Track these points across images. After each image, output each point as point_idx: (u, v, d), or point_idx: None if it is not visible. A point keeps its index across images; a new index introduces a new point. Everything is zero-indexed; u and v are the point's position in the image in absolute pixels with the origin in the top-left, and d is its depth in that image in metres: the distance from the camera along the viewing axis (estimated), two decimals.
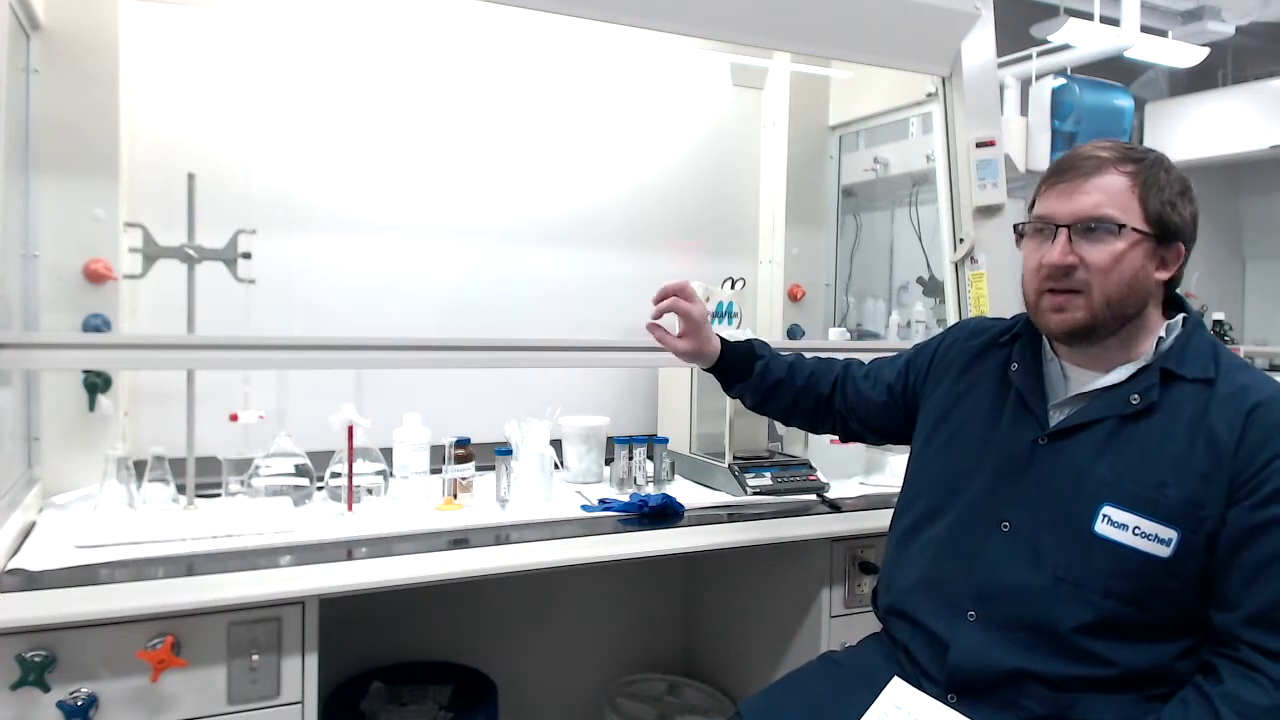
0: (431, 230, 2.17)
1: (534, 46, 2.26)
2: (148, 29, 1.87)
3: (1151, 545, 1.11)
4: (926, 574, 1.28)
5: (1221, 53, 5.47)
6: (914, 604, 1.28)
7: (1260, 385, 1.14)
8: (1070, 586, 1.14)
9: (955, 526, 1.27)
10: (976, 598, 1.21)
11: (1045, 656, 1.14)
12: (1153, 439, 1.14)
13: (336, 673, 2.00)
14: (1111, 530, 1.13)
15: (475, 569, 1.52)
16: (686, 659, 2.46)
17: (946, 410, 1.37)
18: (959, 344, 1.43)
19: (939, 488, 1.32)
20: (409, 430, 1.83)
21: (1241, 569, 1.08)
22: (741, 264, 2.57)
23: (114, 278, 1.75)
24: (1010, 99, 4.76)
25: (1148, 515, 1.11)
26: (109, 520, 1.51)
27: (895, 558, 1.36)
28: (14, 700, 1.20)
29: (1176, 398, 1.15)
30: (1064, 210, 1.17)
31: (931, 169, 2.33)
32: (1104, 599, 1.12)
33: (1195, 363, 1.17)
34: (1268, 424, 1.10)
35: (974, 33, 2.16)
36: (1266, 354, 4.77)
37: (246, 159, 1.98)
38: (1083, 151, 1.20)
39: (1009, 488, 1.23)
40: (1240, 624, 1.08)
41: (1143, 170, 1.17)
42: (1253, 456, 1.09)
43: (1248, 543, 1.08)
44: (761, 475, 1.92)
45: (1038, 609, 1.16)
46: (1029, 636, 1.16)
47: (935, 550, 1.28)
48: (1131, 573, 1.11)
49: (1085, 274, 1.15)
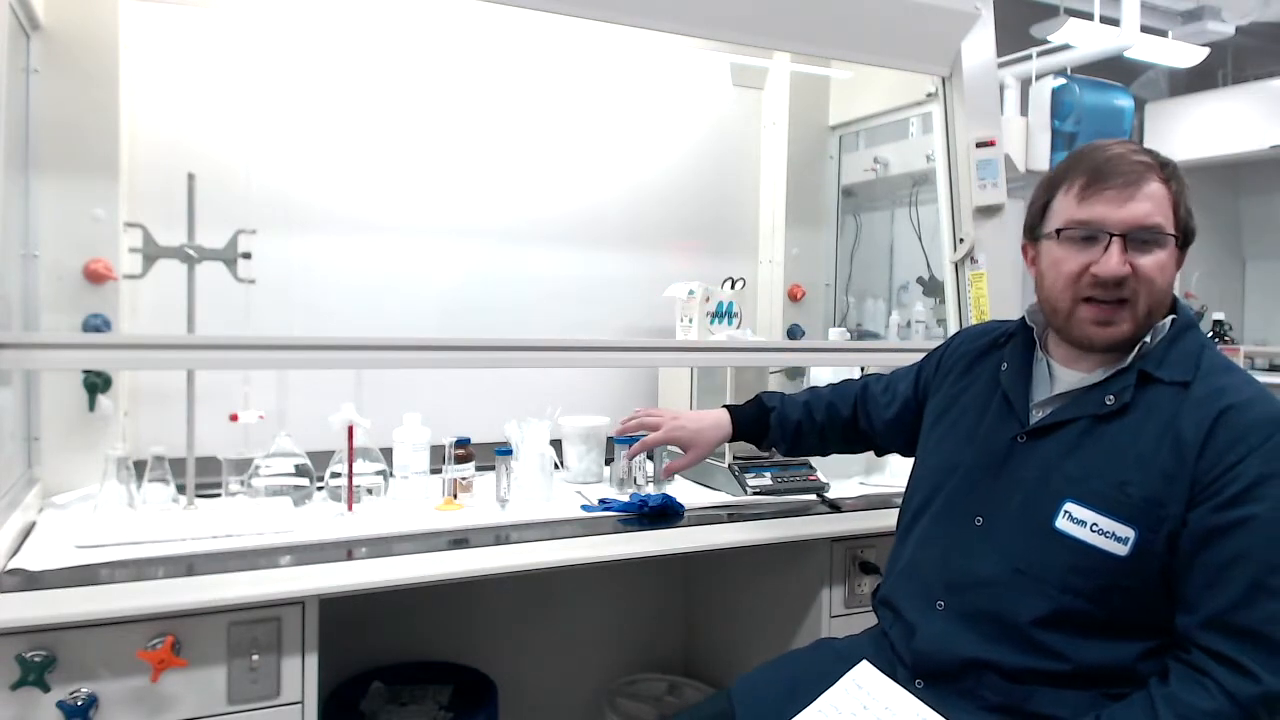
0: (431, 230, 2.17)
1: (534, 46, 2.26)
2: (148, 29, 1.87)
3: (1108, 543, 1.11)
4: (908, 565, 1.33)
5: (1221, 53, 5.47)
6: (896, 593, 1.33)
7: (1238, 388, 1.13)
8: (1029, 579, 1.16)
9: (935, 520, 1.31)
10: (946, 588, 1.25)
11: (1002, 647, 1.16)
12: (1122, 439, 1.15)
13: (336, 673, 2.00)
14: (1071, 526, 1.14)
15: (475, 569, 1.52)
16: (686, 659, 2.46)
17: (944, 409, 1.40)
18: (964, 346, 1.46)
19: (928, 484, 1.35)
20: (409, 430, 1.83)
21: (1202, 571, 1.08)
22: (741, 264, 2.57)
23: (114, 278, 1.75)
24: (1010, 99, 4.76)
25: (1107, 513, 1.12)
26: (109, 520, 1.51)
27: (893, 552, 1.40)
28: (14, 700, 1.20)
29: (1153, 399, 1.15)
30: (1117, 218, 1.14)
31: (931, 169, 2.33)
32: (1061, 593, 1.13)
33: (1177, 366, 1.16)
34: (1237, 426, 1.09)
35: (974, 33, 2.16)
36: (1266, 354, 4.77)
37: (246, 159, 1.98)
38: (1122, 156, 1.17)
39: (986, 484, 1.25)
40: (1196, 626, 1.08)
41: (1173, 177, 1.17)
42: (1218, 458, 1.08)
43: (1208, 544, 1.08)
44: (761, 475, 1.92)
45: (998, 600, 1.18)
46: (989, 627, 1.18)
47: (918, 543, 1.33)
48: (1088, 569, 1.12)
49: (1135, 284, 1.14)
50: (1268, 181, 5.26)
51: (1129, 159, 1.17)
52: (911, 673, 1.24)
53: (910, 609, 1.28)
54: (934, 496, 1.32)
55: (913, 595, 1.29)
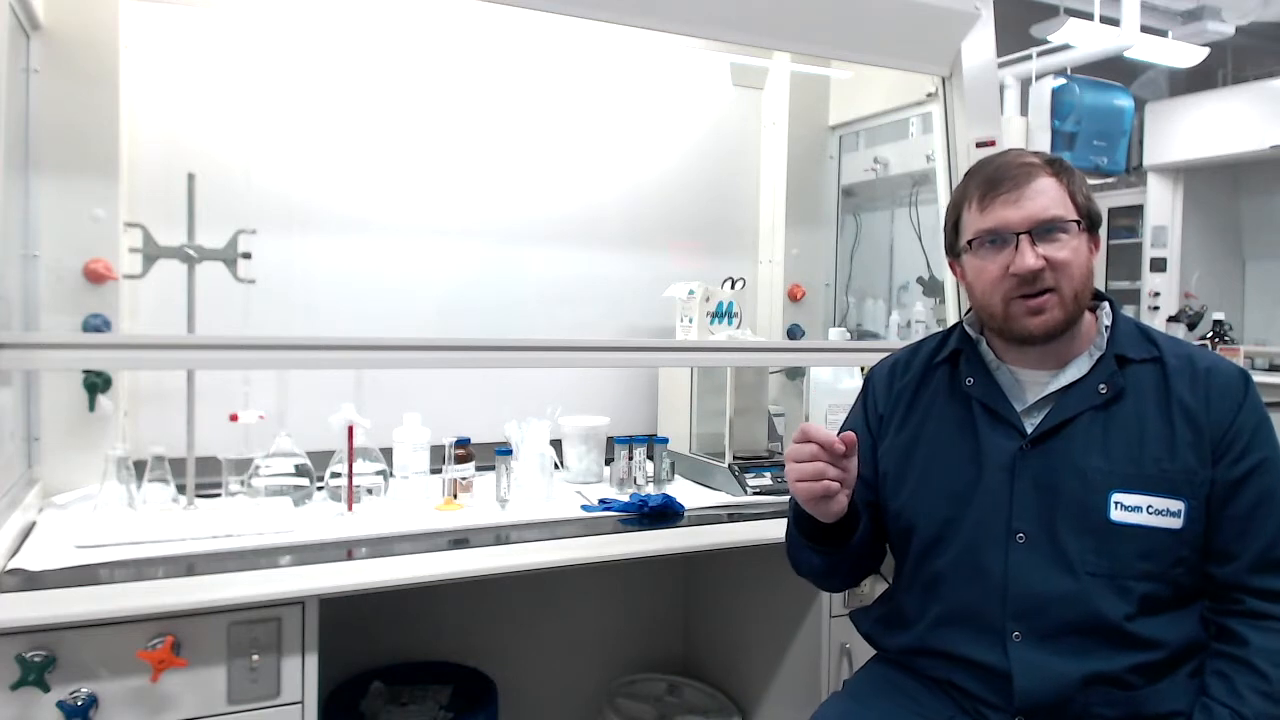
0: (431, 230, 2.17)
1: (534, 47, 2.26)
2: (148, 29, 1.87)
3: (1166, 520, 1.16)
4: (951, 606, 1.25)
5: (1221, 53, 5.47)
6: (945, 639, 1.24)
7: (1199, 354, 1.24)
8: (1104, 579, 1.16)
9: (967, 551, 1.24)
10: (1016, 617, 1.19)
11: (1104, 654, 1.15)
12: (1131, 422, 1.20)
13: (336, 673, 2.00)
14: (1127, 515, 1.17)
15: (475, 569, 1.52)
16: (686, 659, 2.46)
17: (909, 445, 1.33)
18: (893, 380, 1.39)
19: (933, 518, 1.28)
20: (409, 430, 1.83)
21: (1233, 520, 1.16)
22: (741, 264, 2.57)
23: (114, 278, 1.75)
24: (1010, 99, 4.76)
25: (1155, 493, 1.17)
26: (109, 520, 1.52)
27: (905, 597, 1.32)
28: (14, 700, 1.20)
29: (1136, 379, 1.22)
30: (1018, 217, 1.21)
31: (931, 169, 2.33)
32: (1139, 582, 1.16)
33: (1134, 344, 1.24)
34: (1221, 386, 1.19)
35: (974, 33, 2.16)
36: (1266, 354, 4.77)
37: (246, 159, 1.98)
38: (1008, 160, 1.25)
39: (1009, 500, 1.22)
40: (1244, 571, 1.15)
41: (1063, 170, 1.25)
42: (1220, 418, 1.18)
43: (1233, 496, 1.16)
44: (761, 475, 1.92)
45: (1081, 610, 1.16)
46: (1081, 640, 1.16)
47: (953, 580, 1.25)
48: (1155, 550, 1.16)
49: (1053, 274, 1.20)
50: (1268, 181, 5.26)
51: (1015, 163, 1.24)
52: (1011, 714, 1.18)
53: (977, 650, 1.20)
54: (947, 530, 1.26)
55: (973, 635, 1.21)
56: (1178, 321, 4.50)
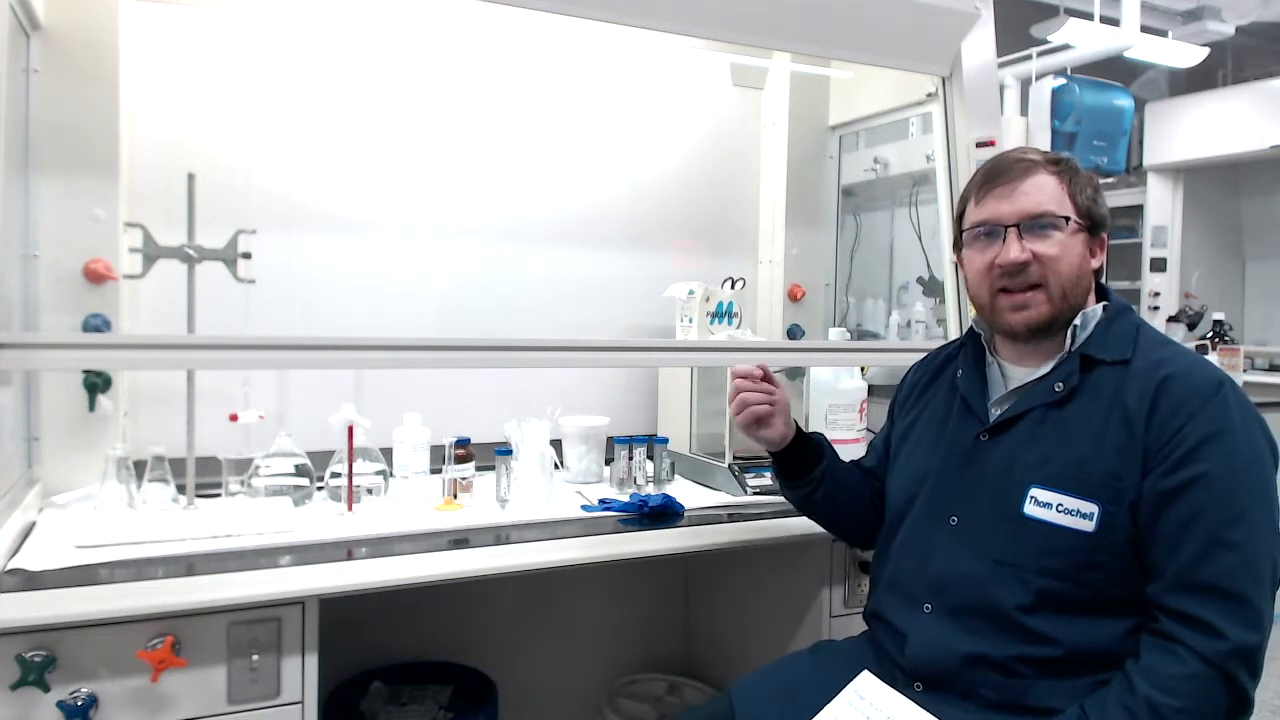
0: (431, 230, 2.17)
1: (534, 47, 2.26)
2: (148, 29, 1.87)
3: (1075, 520, 1.16)
4: (890, 575, 1.36)
5: (1221, 53, 5.48)
6: (883, 604, 1.35)
7: (1174, 359, 1.19)
8: (1008, 569, 1.19)
9: (912, 527, 1.34)
10: (931, 590, 1.27)
11: (993, 639, 1.18)
12: (1074, 421, 1.20)
13: (336, 673, 2.00)
14: (1038, 510, 1.18)
15: (475, 569, 1.52)
16: (686, 659, 2.46)
17: (908, 428, 1.45)
18: (917, 374, 1.51)
19: (902, 495, 1.38)
20: (409, 430, 1.83)
21: (1161, 535, 1.12)
22: (741, 264, 2.57)
23: (114, 278, 1.75)
24: (1010, 99, 4.76)
25: (1069, 492, 1.16)
26: (109, 520, 1.51)
27: (876, 567, 1.44)
28: (14, 700, 1.20)
29: (1098, 380, 1.21)
30: (1008, 210, 1.23)
31: (931, 169, 2.33)
32: (1038, 576, 1.17)
33: (1115, 346, 1.22)
34: (1176, 394, 1.14)
35: (974, 33, 2.16)
36: (1266, 354, 4.77)
37: (246, 159, 1.98)
38: (1010, 156, 1.28)
39: (955, 485, 1.29)
40: (1164, 591, 1.11)
41: (1066, 169, 1.26)
42: (1164, 426, 1.13)
43: (1164, 509, 1.12)
44: (761, 475, 1.92)
45: (982, 593, 1.21)
46: (977, 621, 1.21)
47: (898, 552, 1.36)
48: (1060, 549, 1.16)
49: (1039, 268, 1.21)
50: (1268, 181, 5.26)
51: (1015, 160, 1.26)
52: (909, 678, 1.26)
53: (898, 617, 1.30)
54: (908, 506, 1.36)
55: (899, 603, 1.32)
56: (1178, 321, 4.50)
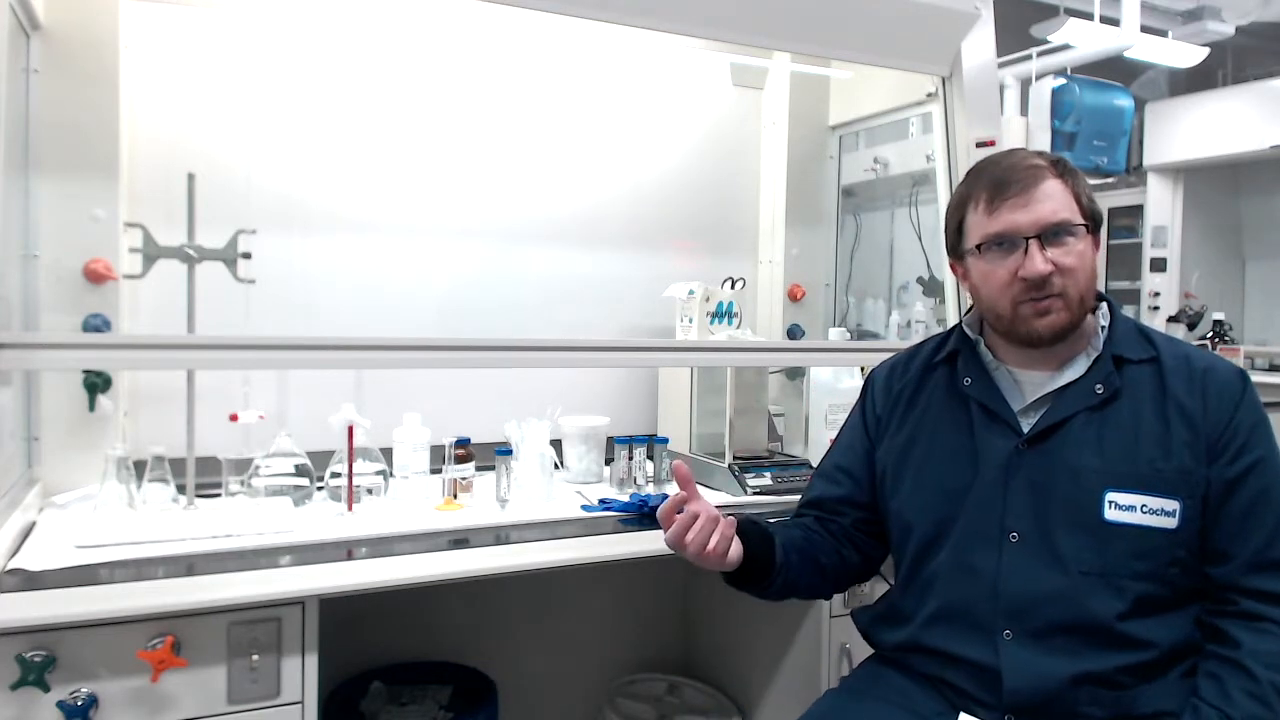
0: (431, 230, 2.17)
1: (534, 47, 2.26)
2: (148, 29, 1.87)
3: (1160, 519, 1.16)
4: (944, 604, 1.26)
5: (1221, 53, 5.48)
6: (938, 637, 1.26)
7: (1197, 354, 1.24)
8: (1096, 578, 1.17)
9: (960, 549, 1.25)
10: (1008, 616, 1.20)
11: (1092, 654, 1.16)
12: (1126, 422, 1.20)
13: (336, 673, 2.00)
14: (1121, 514, 1.17)
15: (475, 569, 1.52)
16: (686, 659, 2.46)
17: (907, 445, 1.35)
18: (892, 382, 1.41)
19: (929, 517, 1.29)
20: (409, 430, 1.83)
21: (1229, 520, 1.16)
22: (741, 264, 2.57)
23: (114, 278, 1.75)
24: (1010, 99, 4.76)
25: (1149, 492, 1.17)
26: (109, 520, 1.51)
27: (902, 595, 1.33)
28: (14, 700, 1.20)
29: (1132, 379, 1.22)
30: (1027, 221, 1.20)
31: (931, 169, 2.33)
32: (1133, 581, 1.16)
33: (1132, 345, 1.25)
34: (1219, 386, 1.20)
35: (974, 33, 2.16)
36: (1266, 354, 4.77)
37: (246, 159, 1.98)
38: (1017, 162, 1.24)
39: (1003, 499, 1.23)
40: (1239, 572, 1.15)
41: (1066, 170, 1.25)
42: (1218, 417, 1.18)
43: (1230, 495, 1.16)
44: (761, 475, 1.92)
45: (1074, 608, 1.17)
46: (1069, 639, 1.17)
47: (947, 578, 1.26)
48: (1148, 551, 1.16)
49: (1061, 279, 1.20)
50: (1268, 181, 5.26)
51: (1022, 165, 1.23)
52: (1000, 713, 1.19)
53: (969, 649, 1.21)
54: (942, 529, 1.27)
55: (964, 634, 1.23)
56: (1178, 321, 4.50)
